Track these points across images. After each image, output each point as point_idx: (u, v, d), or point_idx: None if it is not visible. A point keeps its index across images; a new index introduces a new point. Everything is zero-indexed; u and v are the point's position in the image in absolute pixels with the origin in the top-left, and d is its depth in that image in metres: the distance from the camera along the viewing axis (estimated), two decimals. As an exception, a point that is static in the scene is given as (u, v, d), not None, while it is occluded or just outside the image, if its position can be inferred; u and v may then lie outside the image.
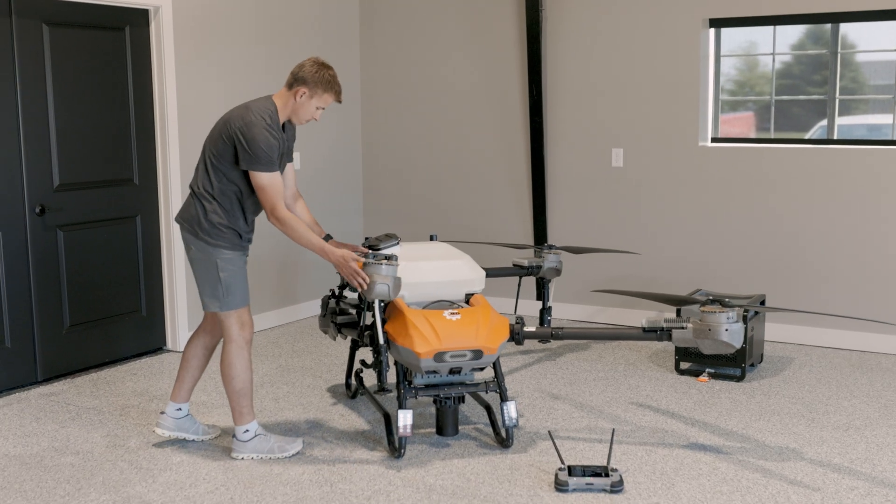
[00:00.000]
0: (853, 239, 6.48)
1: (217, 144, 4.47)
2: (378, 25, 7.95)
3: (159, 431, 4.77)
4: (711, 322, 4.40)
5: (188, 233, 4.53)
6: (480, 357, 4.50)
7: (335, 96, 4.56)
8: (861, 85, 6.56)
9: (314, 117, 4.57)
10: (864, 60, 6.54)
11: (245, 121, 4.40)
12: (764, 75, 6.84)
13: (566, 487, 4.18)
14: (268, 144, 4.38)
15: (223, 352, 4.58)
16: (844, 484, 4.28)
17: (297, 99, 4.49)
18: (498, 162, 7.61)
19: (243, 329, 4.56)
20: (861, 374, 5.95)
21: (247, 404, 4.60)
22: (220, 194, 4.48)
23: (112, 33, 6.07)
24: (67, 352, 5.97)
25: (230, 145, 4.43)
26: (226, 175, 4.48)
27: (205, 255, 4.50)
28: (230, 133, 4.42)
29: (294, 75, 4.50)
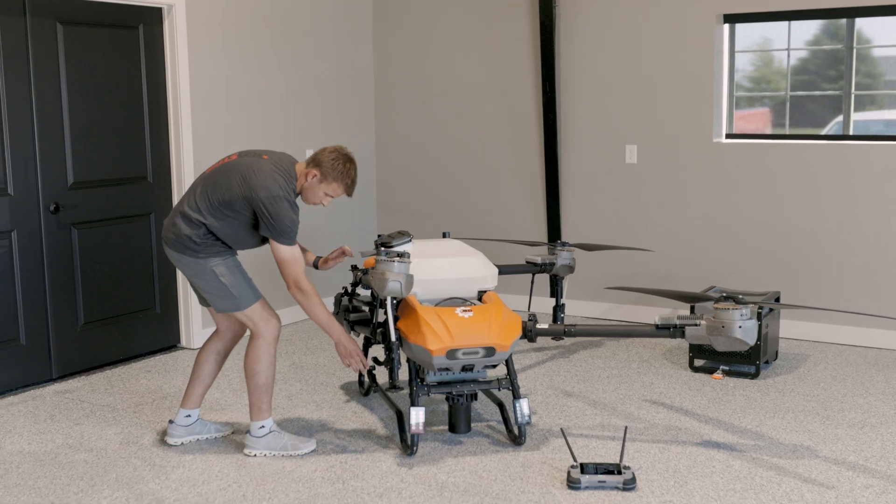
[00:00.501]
0: (868, 235, 6.44)
1: (232, 198, 4.39)
2: (391, 22, 7.95)
3: (171, 441, 4.77)
4: (725, 319, 4.38)
5: (174, 250, 4.50)
6: (493, 354, 4.50)
7: (345, 189, 4.55)
8: (876, 80, 6.52)
9: (322, 202, 4.55)
10: (879, 55, 6.50)
11: (272, 193, 4.34)
12: (779, 71, 6.80)
13: (578, 485, 4.17)
14: (292, 220, 4.40)
15: (249, 346, 4.59)
16: (859, 482, 4.25)
17: (308, 180, 4.48)
18: (511, 159, 7.60)
19: (268, 324, 4.56)
20: (877, 372, 5.92)
21: (266, 400, 4.61)
22: (216, 230, 4.46)
23: (126, 31, 6.09)
24: (82, 349, 5.99)
25: (248, 208, 4.40)
26: (232, 224, 4.45)
27: (198, 267, 4.49)
28: (252, 199, 4.36)
29: (313, 156, 4.52)
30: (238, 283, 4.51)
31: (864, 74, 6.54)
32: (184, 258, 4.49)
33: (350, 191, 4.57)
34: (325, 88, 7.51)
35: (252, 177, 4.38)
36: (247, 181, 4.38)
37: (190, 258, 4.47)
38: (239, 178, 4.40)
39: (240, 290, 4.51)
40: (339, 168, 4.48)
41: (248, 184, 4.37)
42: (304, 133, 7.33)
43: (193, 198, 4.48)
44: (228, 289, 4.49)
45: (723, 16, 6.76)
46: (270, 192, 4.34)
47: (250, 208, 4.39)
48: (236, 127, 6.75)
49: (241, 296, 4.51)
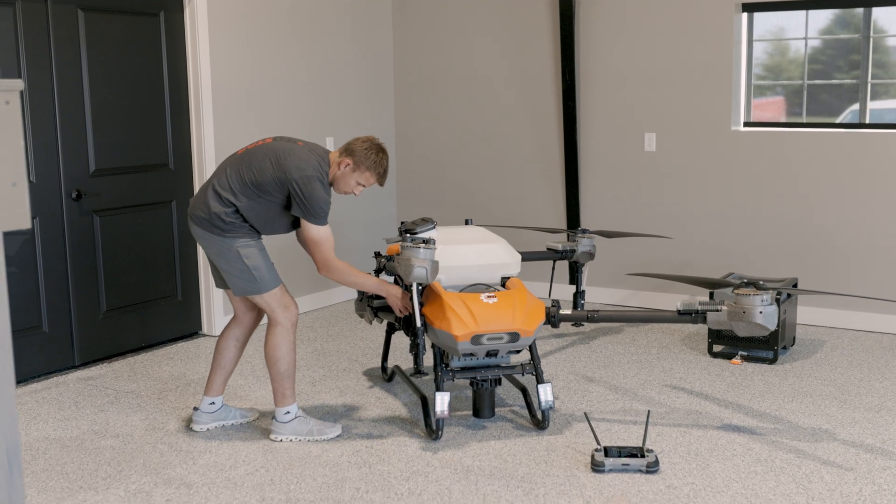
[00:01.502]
0: (885, 223, 6.46)
1: (263, 180, 4.45)
2: (411, 11, 7.97)
3: (196, 428, 4.82)
4: (746, 305, 4.42)
5: (201, 227, 4.53)
6: (517, 340, 4.54)
7: (377, 178, 4.60)
8: (889, 69, 6.53)
9: (354, 192, 4.61)
10: (892, 45, 6.51)
11: (305, 174, 4.42)
12: (794, 60, 6.82)
13: (602, 468, 4.21)
14: (325, 201, 4.47)
15: (268, 334, 4.63)
16: (877, 464, 4.29)
17: (341, 169, 4.54)
18: (531, 147, 7.63)
19: (287, 310, 4.60)
20: (892, 357, 5.95)
21: (289, 386, 4.65)
22: (246, 211, 4.51)
23: (147, 18, 6.12)
24: (104, 336, 6.04)
25: (280, 189, 4.46)
26: (263, 205, 4.51)
27: (223, 246, 4.52)
28: (285, 181, 4.43)
29: (346, 146, 4.57)
30: (261, 267, 4.54)
31: (876, 64, 6.56)
32: (210, 236, 4.52)
33: (382, 180, 4.62)
34: (344, 77, 7.54)
35: (285, 158, 4.45)
36: (280, 163, 4.44)
37: (216, 237, 4.51)
38: (272, 160, 4.47)
39: (261, 274, 4.54)
40: (373, 157, 4.53)
41: (281, 165, 4.43)
42: (324, 121, 7.37)
43: (225, 177, 4.52)
44: (251, 271, 4.52)
45: (741, 4, 6.77)
46: (304, 173, 4.41)
47: (283, 190, 4.45)
48: (257, 114, 6.78)
49: (262, 279, 4.54)
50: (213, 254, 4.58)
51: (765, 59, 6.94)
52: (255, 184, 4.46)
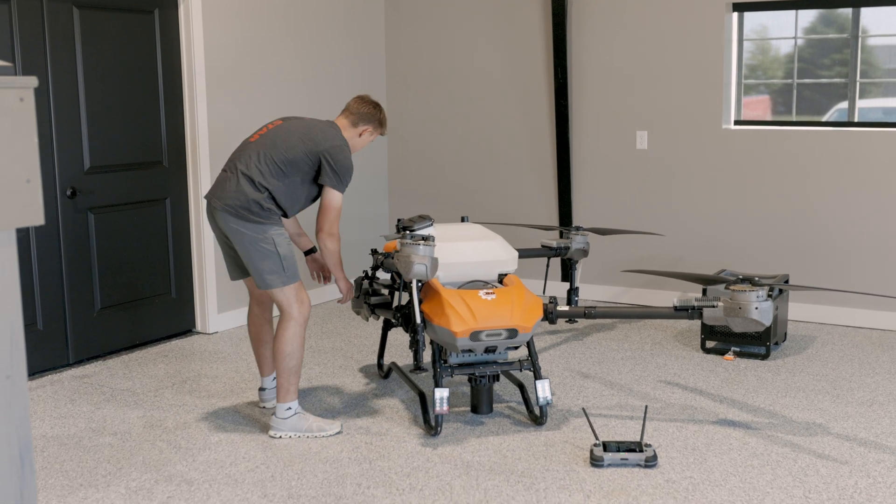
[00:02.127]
0: (874, 220, 6.53)
1: (295, 156, 4.60)
2: (404, 9, 7.99)
3: (268, 405, 5.03)
4: (742, 301, 4.46)
5: (238, 218, 4.55)
6: (515, 336, 4.57)
7: (383, 131, 4.97)
8: (873, 68, 6.60)
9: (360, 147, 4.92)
10: (874, 44, 6.58)
11: (335, 144, 4.63)
12: (776, 59, 6.89)
13: (602, 462, 4.25)
14: (352, 168, 4.68)
15: (281, 328, 4.64)
16: (871, 457, 4.35)
17: (362, 137, 4.85)
18: (523, 144, 7.67)
19: (302, 305, 4.65)
20: (882, 352, 6.02)
21: (294, 382, 4.68)
22: (278, 192, 4.60)
23: (141, 16, 6.12)
24: (98, 334, 6.04)
25: (312, 162, 4.61)
26: (291, 183, 4.62)
27: (260, 234, 4.57)
28: (317, 151, 4.60)
29: (352, 112, 4.82)
30: (290, 256, 4.62)
31: (860, 63, 6.63)
32: (247, 225, 4.55)
33: (385, 131, 4.97)
34: (338, 74, 7.56)
35: (314, 131, 4.67)
36: (310, 136, 4.64)
37: (253, 224, 4.55)
38: (300, 135, 4.65)
39: (289, 264, 4.60)
40: (380, 116, 4.88)
41: (312, 139, 4.63)
42: (319, 116, 7.34)
43: (254, 163, 4.60)
44: (281, 260, 4.58)
45: (731, 4, 6.83)
46: (334, 143, 4.64)
47: (314, 163, 4.62)
48: (251, 112, 6.79)
49: (289, 270, 4.61)
50: (247, 244, 4.58)
51: (748, 59, 7.00)
52: (286, 161, 4.59)
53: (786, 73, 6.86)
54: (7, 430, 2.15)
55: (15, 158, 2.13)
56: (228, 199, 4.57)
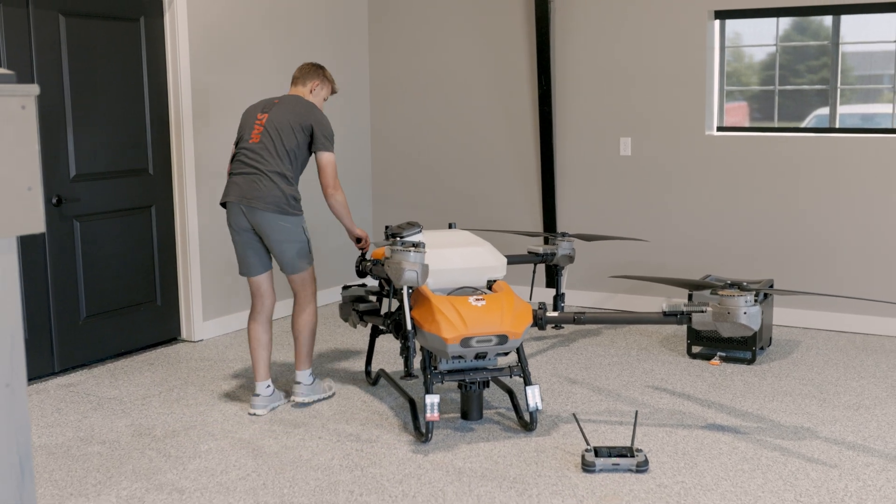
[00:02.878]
0: (857, 224, 6.59)
1: (295, 136, 5.02)
2: (387, 15, 8.00)
3: (258, 412, 5.14)
4: (730, 305, 4.49)
5: (278, 213, 4.98)
6: (506, 342, 4.58)
7: (334, 87, 5.33)
8: (847, 75, 6.67)
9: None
10: (848, 52, 6.66)
11: (319, 113, 5.09)
12: (750, 66, 6.96)
13: (593, 468, 4.26)
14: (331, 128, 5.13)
15: (300, 307, 5.17)
16: (860, 460, 4.38)
17: (319, 94, 5.26)
18: (507, 151, 7.69)
19: (314, 284, 5.20)
20: (867, 356, 6.07)
21: (313, 349, 5.31)
22: (295, 177, 5.07)
23: (127, 24, 6.10)
24: (84, 342, 6.01)
25: (307, 135, 5.04)
26: (301, 162, 5.10)
27: (293, 225, 5.03)
28: (308, 124, 5.02)
29: (301, 78, 5.25)
30: (310, 241, 5.15)
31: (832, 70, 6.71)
32: (288, 219, 5.00)
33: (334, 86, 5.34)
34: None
35: (298, 109, 5.06)
36: (298, 116, 5.02)
37: (291, 216, 5.01)
38: (291, 119, 5.02)
39: (310, 248, 5.13)
40: (327, 74, 5.29)
41: (300, 116, 5.02)
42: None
43: (275, 160, 5.01)
44: (308, 244, 5.09)
45: (714, 12, 6.88)
46: (318, 113, 5.10)
47: (307, 136, 5.04)
48: (236, 119, 6.76)
49: (310, 253, 5.14)
50: (283, 237, 5.01)
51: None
52: (296, 146, 5.03)
53: (761, 79, 6.92)
54: (7, 438, 2.14)
55: (17, 166, 2.12)
56: (269, 198, 4.97)
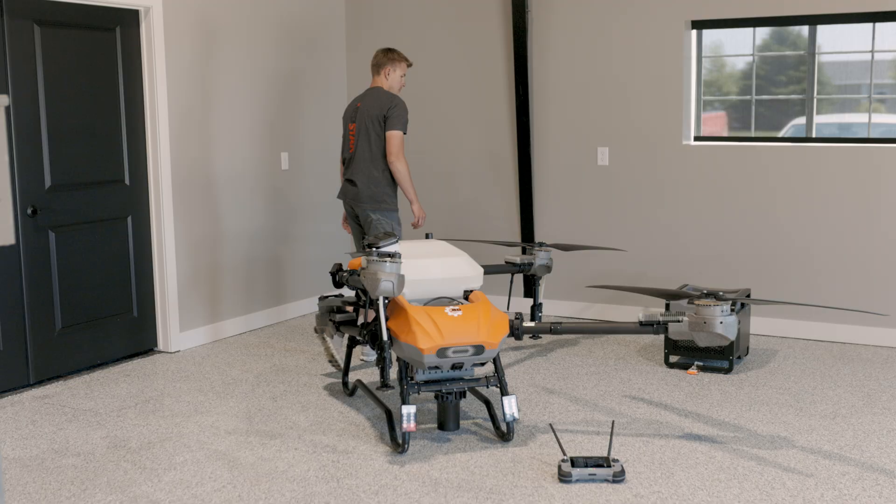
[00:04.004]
0: (834, 234, 6.62)
1: (376, 127, 5.90)
2: (365, 26, 8.00)
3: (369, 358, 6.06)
4: (707, 315, 4.50)
5: (372, 210, 5.93)
6: (482, 352, 4.57)
7: (406, 62, 6.08)
8: (824, 85, 6.71)
9: (401, 84, 6.11)
10: (826, 61, 6.70)
11: (393, 101, 5.90)
12: (731, 76, 6.98)
13: (570, 478, 4.26)
14: (406, 111, 5.94)
15: None
16: (836, 470, 4.39)
17: (392, 76, 6.04)
18: (485, 161, 7.69)
19: None
20: (843, 365, 6.09)
21: None
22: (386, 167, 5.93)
23: (103, 34, 6.08)
24: (59, 354, 5.97)
25: (384, 122, 5.86)
26: (382, 150, 5.92)
27: (385, 218, 5.94)
28: (384, 112, 5.87)
29: (375, 65, 6.07)
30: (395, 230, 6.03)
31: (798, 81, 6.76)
32: (381, 213, 5.94)
33: (407, 61, 6.11)
34: (299, 91, 7.54)
35: (375, 103, 5.91)
36: (377, 109, 5.89)
37: (384, 211, 5.95)
38: (372, 115, 5.90)
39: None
40: (395, 55, 6.05)
41: (378, 109, 5.89)
42: (280, 134, 7.36)
43: (362, 156, 5.93)
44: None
45: (690, 22, 6.91)
46: (394, 99, 5.89)
47: (382, 124, 5.90)
48: (213, 129, 6.76)
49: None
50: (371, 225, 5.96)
51: (704, 75, 7.08)
52: (377, 136, 5.92)
53: (741, 89, 6.95)
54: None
55: (-15, 178, 2.11)
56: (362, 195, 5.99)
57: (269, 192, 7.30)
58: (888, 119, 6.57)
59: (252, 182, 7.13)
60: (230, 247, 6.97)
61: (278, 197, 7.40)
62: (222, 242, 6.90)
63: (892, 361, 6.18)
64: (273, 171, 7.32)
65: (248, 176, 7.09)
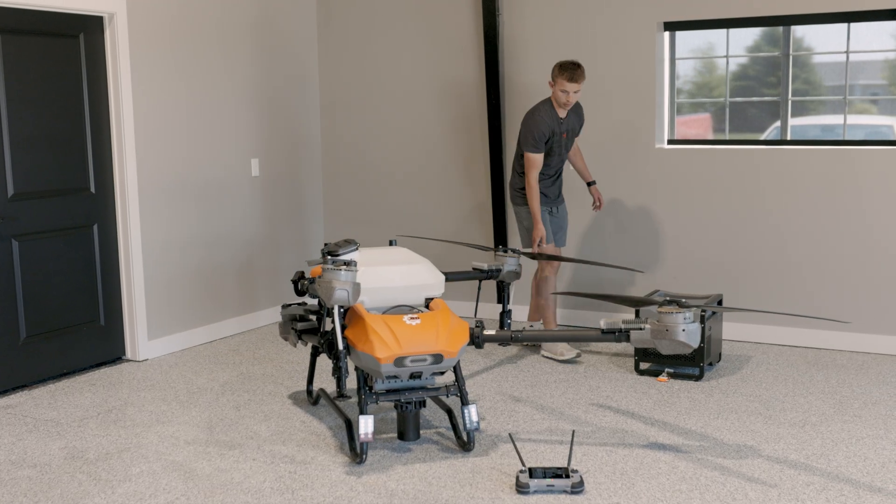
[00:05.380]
0: (807, 238, 6.56)
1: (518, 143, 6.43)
2: (336, 29, 7.94)
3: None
4: (669, 322, 4.43)
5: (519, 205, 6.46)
6: (441, 361, 4.51)
7: (566, 76, 6.10)
8: (815, 86, 6.64)
9: (568, 100, 6.17)
10: (819, 62, 6.63)
11: (529, 120, 6.25)
12: (722, 77, 6.91)
13: (527, 489, 4.19)
14: (534, 130, 6.22)
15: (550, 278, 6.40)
16: (801, 479, 4.33)
17: (552, 90, 6.22)
18: (458, 165, 7.63)
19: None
20: (816, 371, 6.03)
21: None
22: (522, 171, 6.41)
23: (66, 41, 6.02)
24: (24, 364, 5.90)
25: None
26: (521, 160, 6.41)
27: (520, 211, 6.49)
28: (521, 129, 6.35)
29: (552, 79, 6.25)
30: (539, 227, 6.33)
31: (802, 81, 6.67)
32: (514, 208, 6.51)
33: (570, 75, 6.11)
34: (269, 96, 7.48)
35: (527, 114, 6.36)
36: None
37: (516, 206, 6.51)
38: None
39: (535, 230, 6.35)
40: (555, 70, 6.19)
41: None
42: (249, 141, 7.30)
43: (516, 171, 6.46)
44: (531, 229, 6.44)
45: (663, 24, 6.85)
46: (527, 119, 6.27)
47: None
48: (180, 136, 6.70)
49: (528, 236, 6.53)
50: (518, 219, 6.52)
51: (694, 77, 7.02)
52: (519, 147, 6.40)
53: (732, 91, 6.87)
54: None
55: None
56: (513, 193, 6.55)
57: (240, 199, 7.24)
58: (876, 120, 6.50)
59: (221, 188, 7.07)
60: (199, 254, 6.90)
61: (249, 203, 7.34)
62: (191, 250, 6.83)
63: (867, 367, 6.12)
64: (243, 178, 7.26)
65: (216, 182, 7.02)
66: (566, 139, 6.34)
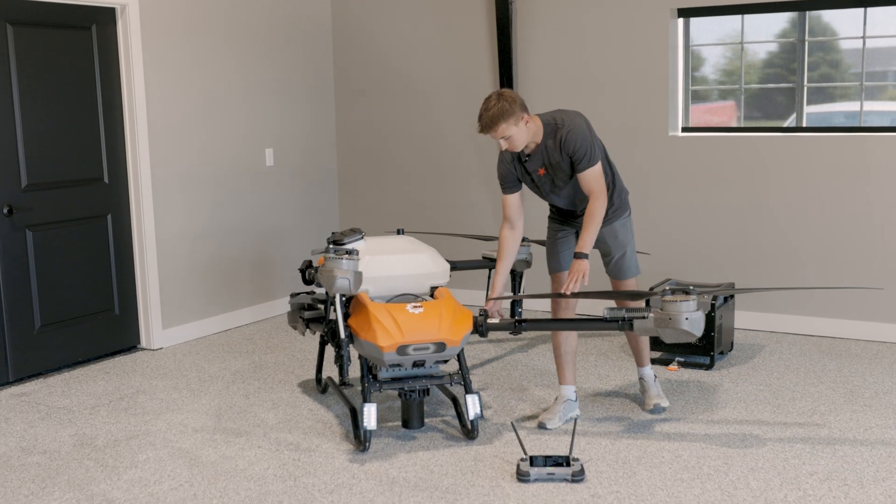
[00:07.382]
0: (822, 226, 6.50)
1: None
2: (350, 20, 7.95)
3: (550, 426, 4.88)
4: (672, 311, 4.41)
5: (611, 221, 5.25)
6: (443, 350, 4.52)
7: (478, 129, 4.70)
8: (841, 72, 6.56)
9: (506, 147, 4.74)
10: (846, 48, 6.53)
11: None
12: (752, 64, 6.83)
13: (528, 478, 4.20)
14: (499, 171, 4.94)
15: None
16: (804, 469, 4.30)
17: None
18: (472, 154, 7.63)
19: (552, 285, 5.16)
20: (829, 361, 5.98)
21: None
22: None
23: (78, 32, 6.07)
24: (39, 352, 5.97)
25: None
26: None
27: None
28: None
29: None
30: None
31: (829, 65, 6.58)
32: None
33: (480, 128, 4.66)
34: (283, 86, 7.51)
35: None
36: None
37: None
38: None
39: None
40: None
41: None
42: (263, 130, 7.33)
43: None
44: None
45: (676, 10, 6.80)
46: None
47: None
48: (193, 126, 6.74)
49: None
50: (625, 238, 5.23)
51: (724, 64, 6.94)
52: None
53: (761, 77, 6.80)
54: None
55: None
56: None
57: (254, 189, 7.27)
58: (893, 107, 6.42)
59: (235, 178, 7.11)
60: (213, 244, 6.95)
61: (263, 193, 7.37)
62: (205, 239, 6.88)
63: (881, 356, 6.07)
64: (257, 168, 7.29)
65: (231, 172, 7.06)
66: (545, 175, 4.89)
